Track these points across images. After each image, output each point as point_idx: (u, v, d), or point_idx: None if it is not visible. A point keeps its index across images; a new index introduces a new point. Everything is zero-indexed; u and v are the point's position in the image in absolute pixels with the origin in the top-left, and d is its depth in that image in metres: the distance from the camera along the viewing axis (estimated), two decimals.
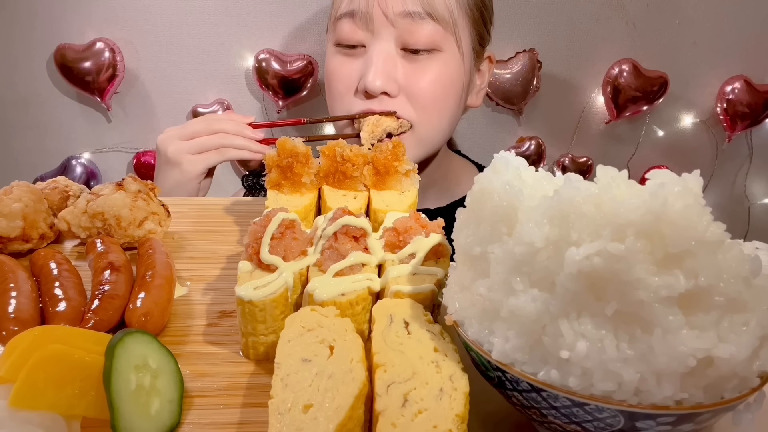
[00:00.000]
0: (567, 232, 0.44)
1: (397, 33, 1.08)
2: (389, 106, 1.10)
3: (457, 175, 1.36)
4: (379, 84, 1.07)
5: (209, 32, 1.62)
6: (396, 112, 1.10)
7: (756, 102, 1.70)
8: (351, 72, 1.13)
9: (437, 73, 1.11)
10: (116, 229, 0.77)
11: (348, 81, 1.13)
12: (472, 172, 1.39)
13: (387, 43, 1.09)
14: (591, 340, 0.43)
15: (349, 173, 0.80)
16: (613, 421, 0.43)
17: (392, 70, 1.09)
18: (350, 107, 1.13)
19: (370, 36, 1.10)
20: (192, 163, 1.12)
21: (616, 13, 1.65)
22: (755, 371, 0.43)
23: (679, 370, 0.41)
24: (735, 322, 0.42)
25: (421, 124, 1.13)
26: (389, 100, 1.10)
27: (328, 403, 0.47)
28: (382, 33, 1.09)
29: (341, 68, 1.14)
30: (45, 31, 1.58)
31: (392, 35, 1.09)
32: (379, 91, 1.08)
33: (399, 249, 0.66)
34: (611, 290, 0.42)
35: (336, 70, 1.15)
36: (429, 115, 1.13)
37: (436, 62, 1.11)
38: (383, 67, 1.08)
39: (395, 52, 1.10)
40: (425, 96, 1.11)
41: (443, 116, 1.16)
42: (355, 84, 1.12)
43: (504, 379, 0.48)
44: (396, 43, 1.10)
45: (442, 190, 1.32)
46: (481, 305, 0.50)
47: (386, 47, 1.09)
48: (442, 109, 1.15)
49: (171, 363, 0.55)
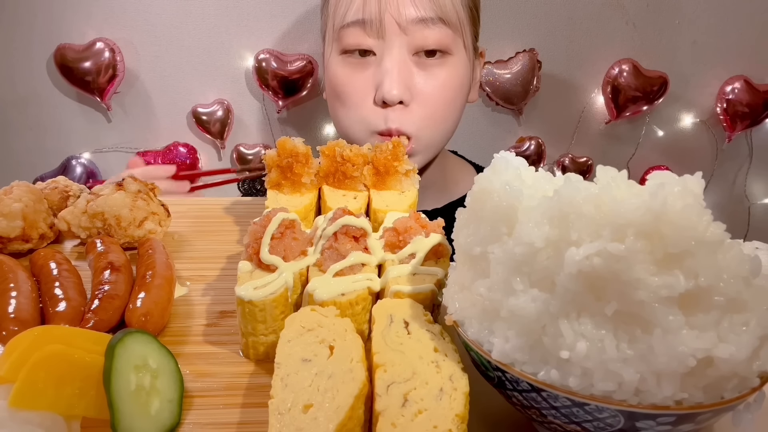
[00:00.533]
0: (567, 232, 0.44)
1: (409, 39, 1.07)
2: (403, 118, 1.08)
3: (454, 175, 1.35)
4: (396, 93, 1.05)
5: (209, 32, 1.62)
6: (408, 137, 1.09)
7: (756, 102, 1.70)
8: (364, 82, 1.10)
9: (447, 77, 1.10)
10: (116, 229, 0.77)
11: (363, 91, 1.10)
12: (470, 172, 1.39)
13: (399, 51, 1.07)
14: (591, 340, 0.43)
15: (349, 173, 0.80)
16: (613, 421, 0.43)
17: (408, 79, 1.08)
18: (367, 117, 1.11)
19: (381, 43, 1.08)
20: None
21: (616, 13, 1.65)
22: (755, 371, 0.43)
23: (679, 370, 0.40)
24: (735, 322, 0.42)
25: (427, 131, 1.12)
26: (402, 109, 1.08)
27: (328, 403, 0.47)
28: (394, 40, 1.07)
29: (352, 78, 1.11)
30: (45, 31, 1.58)
31: (404, 42, 1.07)
32: (396, 101, 1.06)
33: (399, 249, 0.66)
34: (611, 290, 0.42)
35: (346, 80, 1.12)
36: (435, 120, 1.12)
37: (447, 66, 1.10)
38: (398, 76, 1.06)
39: (408, 59, 1.09)
40: (435, 101, 1.10)
41: (449, 120, 1.15)
42: (370, 93, 1.10)
43: (504, 379, 0.48)
44: (408, 49, 1.08)
45: (440, 191, 1.32)
46: (481, 305, 0.50)
47: (400, 55, 1.07)
48: (449, 113, 1.14)
49: (171, 363, 0.55)
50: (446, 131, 1.16)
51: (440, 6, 1.06)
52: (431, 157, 1.19)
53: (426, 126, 1.11)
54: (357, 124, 1.13)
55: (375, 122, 1.10)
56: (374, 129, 1.10)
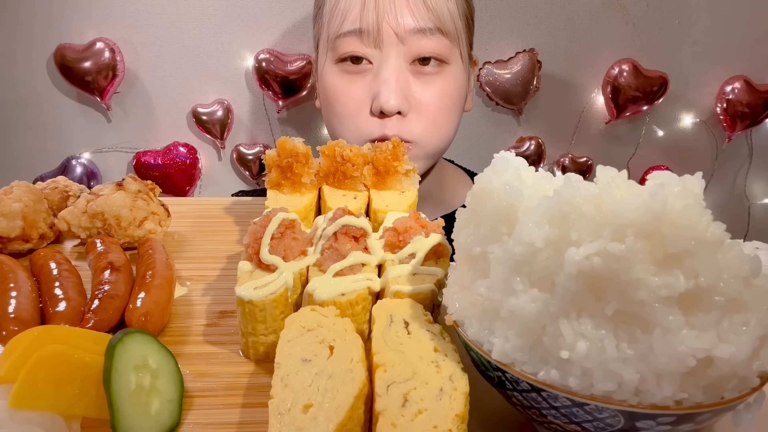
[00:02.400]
0: (567, 232, 0.44)
1: (406, 49, 1.06)
2: (401, 127, 1.07)
3: (451, 186, 1.34)
4: (393, 103, 1.03)
5: (209, 32, 1.62)
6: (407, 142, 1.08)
7: (756, 102, 1.70)
8: (360, 91, 1.08)
9: (445, 86, 1.10)
10: (116, 229, 0.77)
11: (358, 101, 1.09)
12: (467, 183, 1.38)
13: (396, 61, 1.06)
14: (591, 340, 0.43)
15: (349, 173, 0.80)
16: (613, 421, 0.43)
17: (405, 88, 1.07)
18: (363, 127, 1.09)
19: (378, 53, 1.07)
20: None
21: (616, 13, 1.65)
22: (755, 371, 0.43)
23: (679, 370, 0.40)
24: (735, 322, 0.42)
25: (428, 139, 1.11)
26: (398, 118, 1.07)
27: (328, 403, 0.47)
28: (391, 50, 1.06)
29: (348, 88, 1.10)
30: (45, 31, 1.58)
31: (401, 52, 1.06)
32: (394, 111, 1.05)
33: (399, 249, 0.66)
34: (611, 290, 0.42)
35: (341, 90, 1.11)
36: (436, 128, 1.11)
37: (444, 76, 1.10)
38: (396, 86, 1.04)
39: (405, 68, 1.07)
40: (434, 111, 1.09)
41: (450, 128, 1.14)
42: (366, 103, 1.08)
43: (504, 379, 0.48)
44: (405, 59, 1.07)
45: (438, 202, 1.31)
46: (481, 305, 0.50)
47: (397, 64, 1.06)
48: (447, 122, 1.13)
49: (171, 363, 0.55)
50: (445, 140, 1.16)
51: (438, 16, 1.05)
52: (430, 165, 1.19)
53: (426, 136, 1.10)
54: (352, 134, 1.11)
55: (371, 132, 1.08)
56: (370, 138, 1.08)
